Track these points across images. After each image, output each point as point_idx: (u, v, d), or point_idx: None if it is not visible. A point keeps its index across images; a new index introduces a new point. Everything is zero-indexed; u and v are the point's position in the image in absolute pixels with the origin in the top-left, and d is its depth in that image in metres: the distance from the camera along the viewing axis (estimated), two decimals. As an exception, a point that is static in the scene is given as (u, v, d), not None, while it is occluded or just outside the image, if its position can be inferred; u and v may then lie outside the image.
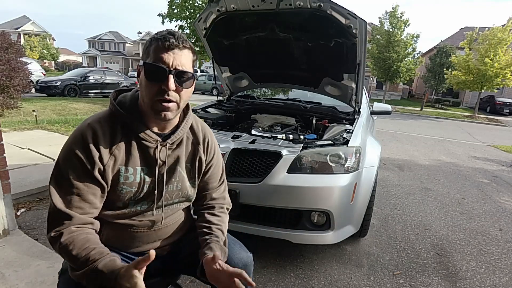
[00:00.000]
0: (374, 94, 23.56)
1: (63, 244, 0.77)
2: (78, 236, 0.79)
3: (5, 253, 1.76)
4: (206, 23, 2.38)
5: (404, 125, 10.53)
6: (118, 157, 0.84)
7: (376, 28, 17.69)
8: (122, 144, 0.85)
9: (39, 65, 14.44)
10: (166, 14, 10.66)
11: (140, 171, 0.88)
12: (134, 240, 0.95)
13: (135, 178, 0.87)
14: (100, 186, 0.83)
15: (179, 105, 0.85)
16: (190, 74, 0.84)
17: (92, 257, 0.76)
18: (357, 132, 2.05)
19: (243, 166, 1.81)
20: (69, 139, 0.83)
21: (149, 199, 0.91)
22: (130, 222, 0.91)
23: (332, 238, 1.81)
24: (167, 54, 0.80)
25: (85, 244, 0.78)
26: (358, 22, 1.94)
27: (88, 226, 0.83)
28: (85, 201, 0.81)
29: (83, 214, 0.81)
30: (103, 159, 0.82)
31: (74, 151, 0.80)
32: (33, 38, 31.02)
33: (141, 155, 0.88)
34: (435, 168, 4.84)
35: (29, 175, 2.81)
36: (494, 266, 2.16)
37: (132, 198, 0.88)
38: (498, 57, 13.13)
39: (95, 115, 0.87)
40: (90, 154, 0.80)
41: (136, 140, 0.87)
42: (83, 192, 0.81)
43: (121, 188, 0.86)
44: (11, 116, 6.26)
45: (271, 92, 3.87)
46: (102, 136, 0.82)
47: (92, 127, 0.82)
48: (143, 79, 0.82)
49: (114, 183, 0.85)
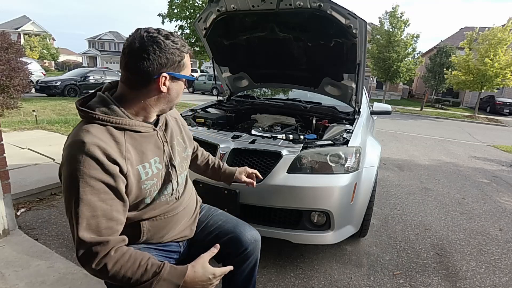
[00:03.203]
0: (374, 94, 23.56)
1: (114, 270, 0.77)
2: (124, 258, 0.79)
3: (5, 253, 1.76)
4: (206, 23, 2.38)
5: (404, 125, 10.53)
6: (132, 159, 0.85)
7: (376, 28, 17.68)
8: (128, 144, 0.86)
9: (39, 65, 14.45)
10: (166, 14, 10.67)
11: (154, 162, 0.92)
12: (172, 225, 1.02)
13: (152, 171, 0.91)
14: (122, 200, 0.82)
15: None
16: None
17: (151, 271, 0.79)
18: (357, 132, 2.05)
19: (243, 166, 1.80)
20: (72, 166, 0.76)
21: (168, 180, 0.97)
22: (165, 208, 0.97)
23: (332, 238, 1.81)
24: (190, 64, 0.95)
25: (136, 262, 0.79)
26: (358, 22, 1.93)
27: (122, 244, 0.82)
28: (111, 219, 0.79)
29: (113, 234, 0.80)
30: (122, 169, 0.81)
31: (90, 174, 0.75)
32: (33, 38, 31.04)
33: (149, 146, 0.91)
34: (435, 168, 4.84)
35: (29, 175, 2.81)
36: (494, 266, 2.16)
37: (156, 189, 0.93)
38: (498, 57, 13.12)
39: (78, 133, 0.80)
40: (109, 170, 0.78)
41: (137, 134, 0.89)
42: (107, 212, 0.78)
43: (145, 185, 0.88)
44: (11, 116, 6.26)
45: (271, 92, 3.87)
46: (108, 147, 0.79)
47: (92, 142, 0.77)
48: (181, 87, 0.93)
49: (138, 183, 0.86)
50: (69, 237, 2.08)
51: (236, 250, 1.10)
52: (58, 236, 2.08)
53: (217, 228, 1.14)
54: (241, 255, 1.10)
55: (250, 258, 1.12)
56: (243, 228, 1.14)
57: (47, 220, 2.29)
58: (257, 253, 1.15)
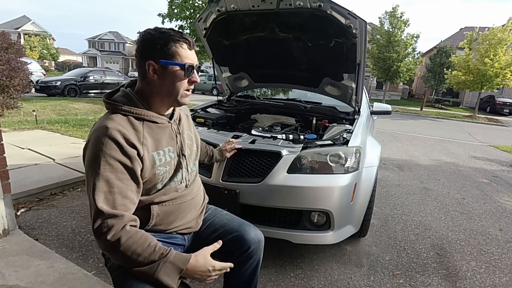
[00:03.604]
0: (374, 94, 23.56)
1: (126, 244, 0.83)
2: (137, 235, 0.86)
3: (5, 253, 1.76)
4: (206, 23, 2.38)
5: (404, 125, 10.53)
6: (148, 145, 0.94)
7: (376, 28, 17.68)
8: (146, 132, 0.95)
9: (39, 65, 14.44)
10: (166, 14, 10.65)
11: (168, 150, 1.00)
12: (179, 213, 1.07)
13: (166, 158, 0.99)
14: (137, 182, 0.91)
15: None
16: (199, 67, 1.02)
17: (159, 252, 0.85)
18: (357, 132, 2.05)
19: (243, 166, 1.81)
20: (96, 146, 0.85)
21: (179, 168, 1.04)
22: (174, 195, 1.04)
23: (332, 238, 1.81)
24: (191, 53, 0.97)
25: (146, 241, 0.86)
26: (358, 22, 1.93)
27: (135, 224, 0.89)
28: (126, 197, 0.87)
29: (127, 211, 0.87)
30: (139, 153, 0.90)
31: (111, 154, 0.85)
32: (33, 38, 31.03)
33: (164, 136, 1.00)
34: (435, 168, 4.84)
35: (29, 175, 2.81)
36: (494, 266, 2.16)
37: (167, 176, 1.00)
38: (498, 57, 13.13)
39: (104, 120, 0.90)
40: (128, 153, 0.87)
41: (154, 125, 0.98)
42: (123, 190, 0.87)
43: (159, 171, 0.96)
44: (11, 116, 6.26)
45: (271, 92, 3.87)
46: (128, 133, 0.89)
47: (114, 128, 0.87)
48: (175, 77, 0.94)
49: (152, 168, 0.95)
50: (69, 237, 2.08)
51: (240, 248, 1.13)
52: (58, 236, 2.08)
53: (222, 227, 1.18)
54: (244, 254, 1.13)
55: (253, 257, 1.15)
56: (248, 228, 1.17)
57: (47, 220, 2.29)
58: (260, 253, 1.18)
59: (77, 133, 4.86)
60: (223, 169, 1.77)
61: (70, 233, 2.13)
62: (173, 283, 0.85)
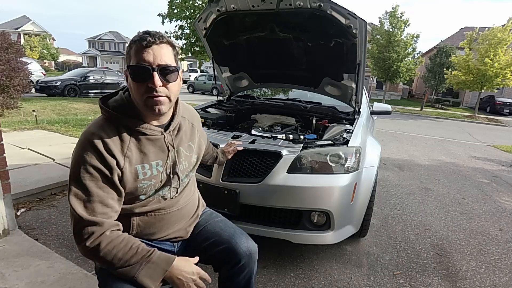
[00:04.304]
0: (374, 94, 23.55)
1: (106, 249, 0.82)
2: (118, 239, 0.84)
3: (5, 253, 1.76)
4: (206, 23, 2.38)
5: (404, 125, 10.53)
6: (132, 157, 0.89)
7: (376, 28, 17.68)
8: (132, 144, 0.90)
9: (39, 65, 14.44)
10: (166, 14, 10.66)
11: (155, 164, 0.94)
12: (163, 223, 1.03)
13: (152, 172, 0.93)
14: (117, 190, 0.87)
15: (170, 99, 0.90)
16: (173, 67, 0.88)
17: (141, 254, 0.85)
18: (357, 132, 2.05)
19: (243, 166, 1.81)
20: (78, 152, 0.84)
21: (167, 183, 0.99)
22: (156, 206, 0.99)
23: (332, 238, 1.81)
24: (146, 52, 0.84)
25: (128, 245, 0.85)
26: (358, 22, 1.93)
27: (117, 228, 0.87)
28: (107, 206, 0.85)
29: (108, 218, 0.85)
30: (119, 163, 0.86)
31: (90, 162, 0.82)
32: (33, 38, 31.03)
33: (152, 148, 0.94)
34: (435, 168, 4.84)
35: (29, 175, 2.81)
36: (494, 266, 2.16)
37: (153, 189, 0.95)
38: (498, 57, 13.12)
39: (93, 124, 0.88)
40: (107, 162, 0.84)
41: (143, 137, 0.92)
42: (103, 198, 0.84)
43: (142, 184, 0.92)
44: (11, 116, 6.26)
45: (271, 92, 3.87)
46: (111, 142, 0.85)
47: (98, 135, 0.85)
48: (131, 82, 0.86)
49: (134, 181, 0.90)
50: (69, 237, 2.08)
51: (231, 261, 1.08)
52: (58, 236, 2.08)
53: (214, 235, 1.12)
54: (236, 267, 1.08)
55: (245, 271, 1.10)
56: (239, 240, 1.10)
57: (47, 220, 2.29)
58: (253, 265, 1.12)
59: (77, 133, 4.86)
60: (223, 169, 1.77)
61: (70, 233, 2.13)
62: (153, 284, 0.84)
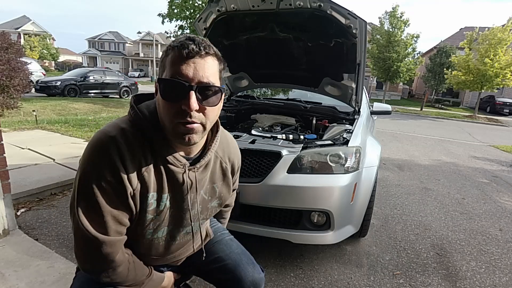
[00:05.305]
0: (374, 94, 23.57)
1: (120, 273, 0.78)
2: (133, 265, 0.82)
3: (5, 253, 1.76)
4: (206, 23, 2.38)
5: (404, 125, 10.53)
6: (147, 182, 0.73)
7: (376, 28, 17.70)
8: (151, 167, 0.74)
9: (39, 65, 14.43)
10: (166, 14, 10.65)
11: (166, 198, 0.78)
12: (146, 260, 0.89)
13: (158, 205, 0.77)
14: (130, 210, 0.73)
15: (205, 127, 0.72)
16: (217, 88, 0.69)
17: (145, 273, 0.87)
18: (357, 132, 2.05)
19: (243, 166, 1.80)
20: (91, 154, 0.70)
21: (169, 225, 0.84)
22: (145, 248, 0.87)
23: (332, 238, 1.81)
24: (186, 64, 0.65)
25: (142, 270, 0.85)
26: (358, 22, 1.93)
27: (128, 252, 0.81)
28: (121, 223, 0.73)
29: (121, 236, 0.75)
30: (131, 182, 0.71)
31: (103, 172, 0.68)
32: (33, 38, 31.04)
33: (169, 180, 0.77)
34: (435, 168, 4.84)
35: (29, 175, 2.81)
36: (494, 266, 2.16)
37: (152, 226, 0.80)
38: (498, 57, 13.14)
39: (114, 126, 0.72)
40: (120, 176, 0.69)
41: (163, 164, 0.75)
42: (117, 214, 0.71)
43: (143, 216, 0.77)
44: (11, 116, 6.26)
45: (271, 92, 3.87)
46: (129, 156, 0.70)
47: (116, 143, 0.69)
48: (159, 99, 0.69)
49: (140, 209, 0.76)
50: (69, 237, 2.07)
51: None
52: (58, 236, 2.08)
53: (217, 261, 1.00)
54: None
55: None
56: (245, 271, 0.97)
57: (47, 220, 2.29)
58: None
59: (77, 133, 4.86)
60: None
61: (70, 233, 2.13)
62: None
